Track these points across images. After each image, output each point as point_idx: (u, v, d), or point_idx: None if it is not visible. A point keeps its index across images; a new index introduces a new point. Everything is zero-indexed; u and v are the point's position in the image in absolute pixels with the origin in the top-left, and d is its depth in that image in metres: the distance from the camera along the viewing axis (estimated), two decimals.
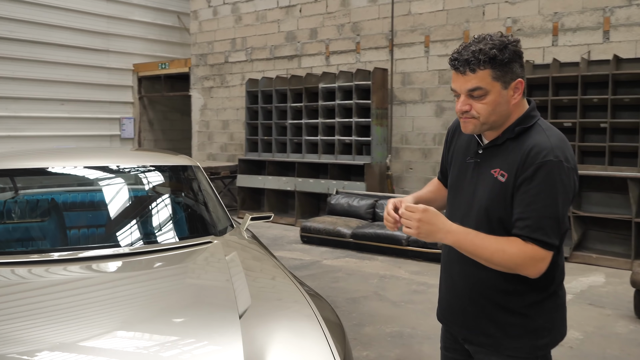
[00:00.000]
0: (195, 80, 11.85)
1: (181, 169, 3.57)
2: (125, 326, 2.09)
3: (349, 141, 8.96)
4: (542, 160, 1.70)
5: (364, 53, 9.28)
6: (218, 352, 1.91)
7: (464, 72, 1.76)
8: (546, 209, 1.69)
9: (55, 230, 2.98)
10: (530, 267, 1.70)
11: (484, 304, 1.85)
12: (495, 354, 1.85)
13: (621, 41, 7.01)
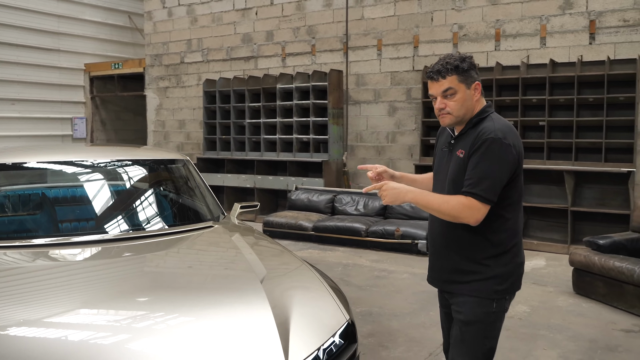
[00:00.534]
0: (150, 80, 11.95)
1: (175, 163, 3.87)
2: (168, 290, 2.44)
3: (306, 139, 9.35)
4: (485, 138, 2.27)
5: (319, 55, 9.69)
6: (250, 311, 2.26)
7: (437, 79, 2.34)
8: (484, 171, 2.24)
9: (83, 216, 3.26)
10: (468, 216, 2.24)
11: (455, 258, 2.40)
12: (465, 295, 2.38)
13: (556, 47, 7.71)
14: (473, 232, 2.33)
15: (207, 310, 2.26)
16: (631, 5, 7.19)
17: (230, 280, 2.58)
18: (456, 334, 2.43)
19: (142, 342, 2.02)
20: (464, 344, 2.40)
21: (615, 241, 5.53)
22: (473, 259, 2.36)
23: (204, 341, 2.05)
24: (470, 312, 2.38)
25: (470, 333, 2.39)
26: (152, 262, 2.83)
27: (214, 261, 2.87)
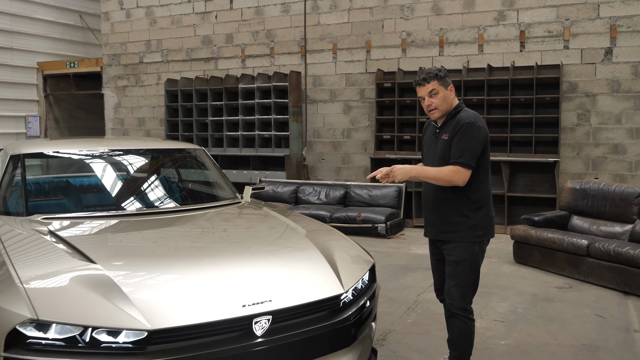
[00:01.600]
0: (108, 79, 12.26)
1: (195, 151, 4.54)
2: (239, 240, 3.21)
3: (268, 136, 10.06)
4: (462, 123, 3.19)
5: (278, 57, 10.42)
6: (306, 253, 3.02)
7: (423, 84, 3.27)
8: (465, 146, 3.14)
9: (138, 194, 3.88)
10: (457, 179, 3.14)
11: (446, 212, 3.28)
12: (454, 242, 3.26)
13: (492, 53, 8.81)
14: (458, 193, 3.23)
15: (275, 252, 3.02)
16: (554, 19, 8.38)
17: (281, 235, 3.33)
18: (449, 271, 3.30)
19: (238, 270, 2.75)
20: (456, 278, 3.27)
21: (547, 217, 6.62)
22: (459, 212, 3.24)
23: (281, 272, 2.80)
24: (459, 254, 3.25)
25: (460, 269, 3.26)
26: (215, 224, 3.54)
27: (260, 223, 3.60)
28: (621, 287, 5.43)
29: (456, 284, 3.27)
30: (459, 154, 3.16)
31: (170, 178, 4.31)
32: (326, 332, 2.71)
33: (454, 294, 3.29)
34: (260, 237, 3.37)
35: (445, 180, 3.17)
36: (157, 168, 4.34)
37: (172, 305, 2.41)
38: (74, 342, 2.30)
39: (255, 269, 2.78)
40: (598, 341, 4.22)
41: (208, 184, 4.39)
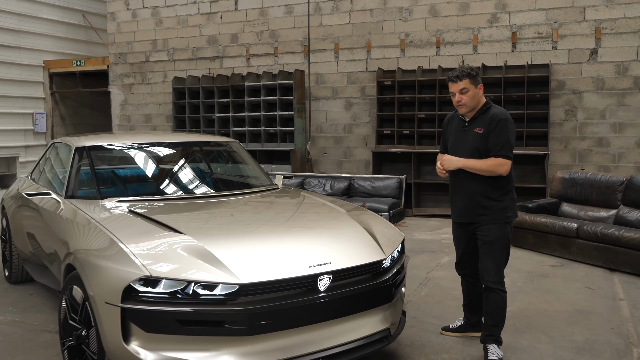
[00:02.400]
0: (115, 77, 12.69)
1: (234, 144, 5.09)
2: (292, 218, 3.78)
3: (273, 131, 10.59)
4: (499, 118, 3.62)
5: (282, 56, 10.95)
6: (349, 227, 3.59)
7: (456, 82, 3.69)
8: (504, 140, 3.58)
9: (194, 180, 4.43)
10: (501, 170, 3.59)
11: (479, 198, 3.71)
12: (488, 224, 3.68)
13: (486, 53, 9.43)
14: (490, 180, 3.64)
15: (326, 225, 3.60)
16: (544, 21, 9.01)
17: (327, 212, 3.89)
18: (485, 250, 3.70)
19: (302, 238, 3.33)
20: (493, 255, 3.68)
21: (539, 204, 7.26)
22: (491, 197, 3.66)
23: (335, 240, 3.37)
24: (494, 234, 3.67)
25: (495, 248, 3.68)
26: (266, 203, 4.10)
27: (305, 204, 4.16)
28: (607, 265, 6.07)
29: (493, 261, 3.68)
30: (499, 147, 3.57)
31: (216, 166, 4.86)
32: (372, 290, 3.28)
33: (491, 270, 3.68)
34: (309, 214, 3.94)
35: (489, 171, 3.59)
36: (203, 157, 4.89)
37: (255, 265, 2.97)
38: (177, 294, 2.84)
39: (315, 238, 3.35)
40: (589, 307, 4.85)
41: (248, 171, 4.94)
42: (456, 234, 3.98)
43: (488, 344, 3.75)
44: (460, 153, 3.75)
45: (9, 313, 4.78)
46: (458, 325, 4.17)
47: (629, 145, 8.70)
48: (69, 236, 3.53)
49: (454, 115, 3.93)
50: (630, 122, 8.67)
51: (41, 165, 5.29)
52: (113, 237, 3.13)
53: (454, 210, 3.90)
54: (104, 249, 3.08)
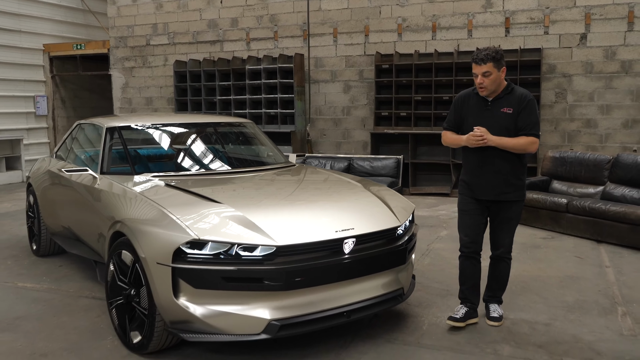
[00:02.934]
0: (115, 61, 12.91)
1: (248, 124, 5.45)
2: (314, 189, 4.20)
3: (274, 113, 10.92)
4: (528, 99, 3.75)
5: (282, 40, 11.24)
6: (366, 197, 3.99)
7: (480, 64, 3.71)
8: (534, 120, 3.73)
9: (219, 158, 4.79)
10: (532, 147, 3.73)
11: (507, 177, 3.81)
12: (512, 201, 3.86)
13: (480, 38, 9.80)
14: (516, 160, 3.77)
15: (346, 196, 4.00)
16: (536, 7, 9.39)
17: (344, 186, 4.28)
18: (504, 227, 3.91)
19: (327, 207, 3.74)
20: (510, 230, 3.96)
21: (532, 182, 7.70)
22: (516, 176, 3.83)
23: (356, 209, 3.76)
24: (516, 210, 3.90)
25: (512, 224, 3.95)
26: (288, 178, 4.49)
27: (322, 178, 4.55)
28: (594, 237, 6.53)
29: (510, 236, 3.97)
30: (531, 126, 3.70)
31: (236, 144, 5.23)
32: (388, 253, 3.68)
33: (507, 244, 3.96)
34: (329, 187, 4.32)
35: (522, 149, 3.71)
36: (224, 136, 5.25)
37: (289, 230, 3.35)
38: (221, 255, 3.22)
39: (338, 207, 3.75)
40: (578, 274, 5.30)
41: (266, 150, 5.30)
42: (472, 212, 3.96)
43: (490, 304, 4.14)
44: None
45: (43, 282, 5.14)
46: (464, 313, 4.03)
47: (616, 126, 9.15)
48: (113, 207, 3.89)
49: (470, 94, 3.95)
50: (617, 104, 9.10)
51: (68, 144, 5.61)
52: (160, 207, 3.50)
53: (477, 188, 3.90)
54: (153, 217, 3.45)
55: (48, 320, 4.23)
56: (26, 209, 6.21)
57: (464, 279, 4.11)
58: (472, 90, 3.95)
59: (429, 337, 3.88)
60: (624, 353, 3.62)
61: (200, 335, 3.26)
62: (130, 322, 3.61)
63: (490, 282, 4.16)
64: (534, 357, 3.57)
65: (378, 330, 3.98)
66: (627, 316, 4.24)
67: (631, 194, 6.74)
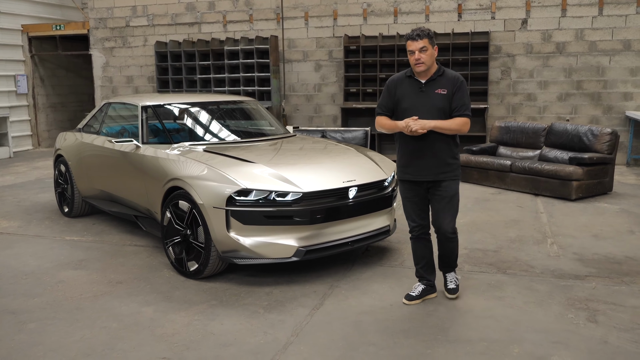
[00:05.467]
0: (96, 41, 13.60)
1: (252, 102, 6.56)
2: (316, 152, 5.31)
3: (251, 90, 11.96)
4: (460, 80, 3.90)
5: (257, 23, 12.23)
6: (358, 157, 5.19)
7: (417, 40, 3.79)
8: (466, 100, 3.89)
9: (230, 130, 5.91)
10: (465, 127, 3.87)
11: (444, 156, 3.93)
12: (449, 180, 3.96)
13: (436, 22, 11.06)
14: (450, 140, 3.91)
15: (345, 156, 5.20)
16: None
17: (340, 149, 5.46)
18: (444, 205, 3.97)
19: (334, 163, 4.95)
20: (451, 209, 4.01)
21: (482, 147, 9.09)
22: (452, 155, 3.95)
23: (354, 165, 4.96)
24: (454, 188, 3.99)
25: (454, 201, 4.01)
26: (295, 144, 5.63)
27: (321, 145, 5.71)
28: (533, 191, 7.97)
29: (451, 214, 4.02)
30: (465, 107, 3.81)
31: (248, 119, 6.36)
32: (379, 199, 4.91)
33: (450, 222, 4.01)
34: (331, 150, 5.49)
35: (456, 130, 3.82)
36: (239, 112, 6.38)
37: (310, 180, 4.53)
38: (261, 200, 4.38)
39: (341, 164, 4.95)
40: (519, 218, 6.70)
41: (271, 123, 6.43)
42: (411, 194, 4.07)
43: (447, 274, 4.32)
44: (422, 114, 3.85)
45: (86, 236, 6.17)
46: (420, 290, 4.23)
47: (552, 99, 10.63)
48: (166, 168, 4.96)
49: (402, 78, 3.99)
50: (553, 80, 10.58)
51: (98, 120, 6.58)
52: (211, 166, 4.62)
53: (416, 170, 3.98)
54: (207, 173, 4.57)
55: (108, 261, 5.31)
56: (55, 177, 7.16)
57: (417, 259, 4.27)
58: (405, 74, 4.00)
59: (409, 262, 5.13)
60: (550, 266, 5.00)
61: (247, 260, 4.43)
62: (187, 255, 4.74)
63: (442, 256, 4.26)
64: (487, 271, 4.90)
65: (371, 258, 5.24)
66: (554, 245, 5.63)
67: (562, 155, 8.19)
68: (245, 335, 3.70)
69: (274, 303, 4.23)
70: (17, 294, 4.50)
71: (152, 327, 3.86)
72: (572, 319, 3.90)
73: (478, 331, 3.74)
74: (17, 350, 3.54)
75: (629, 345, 3.52)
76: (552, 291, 4.41)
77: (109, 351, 3.52)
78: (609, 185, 7.89)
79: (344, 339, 3.66)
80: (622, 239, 5.80)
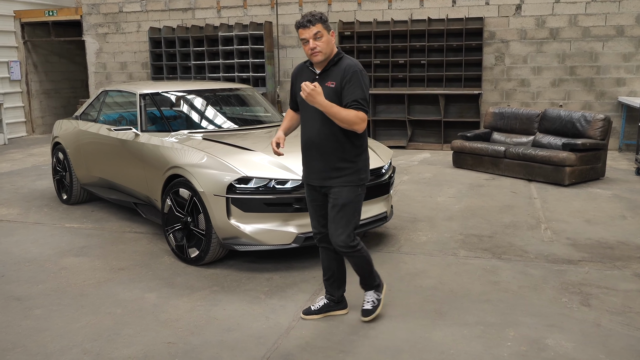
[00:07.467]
0: (89, 27, 13.53)
1: (248, 89, 6.60)
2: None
3: (246, 77, 11.96)
4: (353, 70, 3.29)
5: (250, 9, 12.20)
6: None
7: (309, 26, 3.27)
8: (363, 93, 3.28)
9: (227, 118, 5.95)
10: (359, 125, 3.27)
11: (333, 159, 3.40)
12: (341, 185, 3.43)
13: (431, 7, 11.08)
14: (344, 140, 3.35)
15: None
16: None
17: None
18: (335, 214, 3.43)
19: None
20: (343, 219, 3.43)
21: (476, 134, 9.18)
22: (345, 159, 3.39)
23: None
24: (346, 197, 3.42)
25: (345, 211, 3.43)
26: (295, 132, 5.69)
27: None
28: (526, 177, 8.07)
29: (342, 226, 3.44)
30: (360, 101, 3.26)
31: (245, 106, 6.40)
32: (377, 186, 4.98)
33: (340, 235, 3.44)
34: None
35: (350, 123, 3.24)
36: (236, 99, 6.41)
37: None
38: (261, 188, 4.45)
39: None
40: (513, 203, 6.81)
41: (265, 110, 6.47)
42: (310, 199, 3.64)
43: (366, 291, 3.80)
44: (311, 111, 3.39)
45: (86, 223, 6.22)
46: (321, 305, 3.83)
47: (545, 85, 10.71)
48: (166, 156, 5.01)
49: (303, 67, 3.58)
50: (547, 66, 10.65)
51: (96, 108, 6.61)
52: (211, 154, 4.67)
53: (306, 171, 3.59)
54: (207, 161, 4.62)
55: (109, 248, 5.37)
56: (53, 165, 7.18)
57: (324, 271, 3.84)
58: (305, 63, 3.58)
59: (406, 248, 5.26)
60: (543, 251, 5.11)
61: (247, 246, 4.51)
62: (188, 242, 4.81)
63: (355, 272, 3.76)
64: (482, 256, 5.01)
65: (368, 244, 5.33)
66: (547, 230, 5.74)
67: (555, 141, 8.29)
68: (248, 320, 3.79)
69: (275, 289, 4.32)
70: (21, 280, 4.56)
71: (155, 312, 3.94)
72: (565, 303, 4.02)
73: (474, 315, 3.84)
74: (25, 336, 3.61)
75: (621, 328, 3.64)
76: (546, 276, 4.52)
77: (115, 336, 3.60)
78: (601, 171, 8.00)
79: (344, 322, 3.75)
80: (614, 224, 5.92)
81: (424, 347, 3.42)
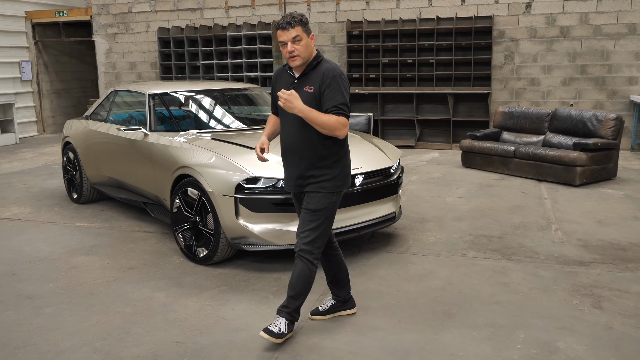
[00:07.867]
0: (98, 27, 13.59)
1: (256, 89, 6.59)
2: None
3: (254, 76, 11.97)
4: (332, 75, 3.20)
5: (259, 8, 12.20)
6: (366, 144, 5.23)
7: (287, 29, 3.17)
8: (343, 98, 3.20)
9: (234, 117, 5.95)
10: (340, 130, 3.18)
11: (311, 165, 3.32)
12: (317, 191, 3.34)
13: (439, 6, 11.03)
14: (323, 146, 3.27)
15: (352, 144, 5.24)
16: None
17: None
18: (305, 217, 3.36)
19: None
20: (312, 223, 3.34)
21: (485, 133, 9.13)
22: (323, 165, 3.31)
23: (362, 153, 4.99)
24: (318, 202, 3.32)
25: (317, 217, 3.33)
26: None
27: None
28: (536, 177, 8.02)
29: (311, 229, 3.35)
30: (340, 106, 3.18)
31: (253, 105, 6.41)
32: (385, 186, 4.97)
33: (304, 238, 3.35)
34: None
35: (330, 128, 3.17)
36: (244, 99, 6.41)
37: None
38: (269, 188, 4.44)
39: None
40: (523, 203, 6.76)
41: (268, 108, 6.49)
42: (296, 203, 3.61)
43: (280, 316, 3.46)
44: (289, 116, 3.32)
45: (96, 222, 6.25)
46: (328, 305, 3.81)
47: (555, 84, 10.64)
48: (175, 156, 5.02)
49: (282, 70, 3.48)
50: (557, 65, 10.57)
51: (105, 107, 6.63)
52: (219, 154, 4.67)
53: (287, 177, 3.55)
54: (216, 161, 4.63)
55: (118, 247, 5.39)
56: (63, 164, 7.22)
57: (325, 272, 3.82)
58: (284, 67, 3.49)
59: (415, 248, 5.24)
60: (554, 252, 5.07)
61: (255, 246, 4.51)
62: (196, 241, 4.81)
63: (288, 286, 3.48)
64: (492, 257, 4.98)
65: (376, 245, 5.32)
66: (558, 231, 5.70)
67: (566, 141, 8.23)
68: (257, 320, 3.78)
69: (283, 289, 4.31)
70: (32, 279, 4.59)
71: (164, 312, 3.95)
72: (577, 305, 3.98)
73: (484, 317, 3.82)
74: (36, 335, 3.63)
75: (634, 331, 3.60)
76: (557, 277, 4.49)
77: (125, 335, 3.61)
78: (613, 171, 7.94)
79: (352, 324, 3.74)
80: (626, 224, 5.86)
81: (432, 349, 3.40)
